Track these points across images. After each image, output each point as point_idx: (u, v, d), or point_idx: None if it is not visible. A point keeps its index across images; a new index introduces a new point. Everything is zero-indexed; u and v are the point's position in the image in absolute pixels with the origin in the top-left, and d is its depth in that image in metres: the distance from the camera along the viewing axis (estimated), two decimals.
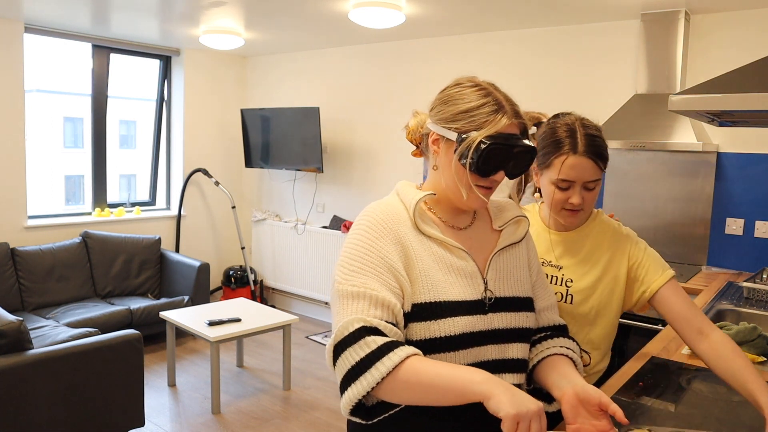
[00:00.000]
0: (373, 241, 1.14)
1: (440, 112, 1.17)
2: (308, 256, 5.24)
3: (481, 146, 1.10)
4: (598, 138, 1.39)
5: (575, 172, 1.37)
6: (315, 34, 4.49)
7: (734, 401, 1.53)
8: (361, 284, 1.09)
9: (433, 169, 1.21)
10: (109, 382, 2.82)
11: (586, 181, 1.38)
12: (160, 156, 5.49)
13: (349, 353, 1.04)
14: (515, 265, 1.27)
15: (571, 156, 1.37)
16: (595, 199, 1.41)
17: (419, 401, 1.03)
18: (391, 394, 1.03)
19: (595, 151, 1.37)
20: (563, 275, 1.46)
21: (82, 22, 4.27)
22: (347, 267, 1.13)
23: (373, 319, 1.06)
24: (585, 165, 1.36)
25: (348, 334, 1.05)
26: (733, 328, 1.89)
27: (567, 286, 1.45)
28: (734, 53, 3.20)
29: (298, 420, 3.44)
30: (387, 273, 1.11)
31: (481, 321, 1.17)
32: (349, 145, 5.05)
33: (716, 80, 1.77)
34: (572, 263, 1.47)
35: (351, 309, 1.08)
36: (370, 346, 1.03)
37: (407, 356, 1.02)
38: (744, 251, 3.26)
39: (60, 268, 4.36)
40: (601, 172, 1.38)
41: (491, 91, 1.16)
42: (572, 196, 1.39)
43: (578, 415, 1.10)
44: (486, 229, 1.27)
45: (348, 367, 1.04)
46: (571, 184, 1.39)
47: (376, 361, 1.01)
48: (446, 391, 0.99)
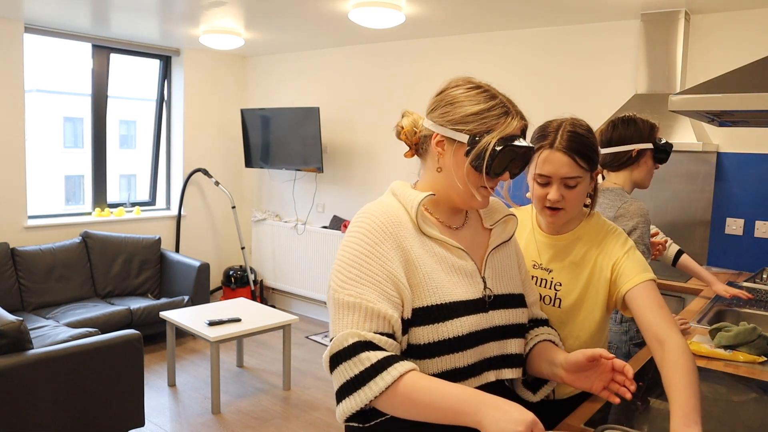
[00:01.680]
0: (373, 246, 1.11)
1: (446, 114, 1.16)
2: (308, 256, 5.24)
3: (495, 149, 1.11)
4: (583, 137, 1.37)
5: (550, 167, 1.36)
6: (315, 34, 4.49)
7: (734, 401, 1.53)
8: (358, 294, 1.08)
9: (437, 170, 1.19)
10: (109, 382, 2.82)
11: (562, 177, 1.36)
12: (160, 156, 5.48)
13: (344, 368, 1.05)
14: (507, 263, 1.29)
15: (547, 150, 1.37)
16: (578, 199, 1.38)
17: (414, 417, 1.04)
18: (386, 408, 1.05)
19: (574, 148, 1.35)
20: (552, 278, 1.45)
21: (82, 22, 4.27)
22: (344, 274, 1.11)
23: (368, 333, 1.06)
24: (561, 160, 1.35)
25: (343, 348, 1.06)
26: (733, 328, 1.89)
27: (556, 289, 1.44)
28: (734, 53, 3.20)
29: (298, 420, 3.44)
30: (386, 281, 1.09)
31: (483, 319, 1.18)
32: (349, 145, 5.05)
33: (716, 80, 1.77)
34: (561, 267, 1.45)
35: (346, 321, 1.08)
36: (364, 363, 1.04)
37: (403, 373, 1.03)
38: (744, 251, 3.26)
39: (60, 268, 4.36)
40: (582, 170, 1.35)
41: (495, 93, 1.17)
42: (550, 192, 1.37)
43: (588, 377, 1.20)
44: (478, 228, 1.29)
45: (343, 381, 1.05)
46: (549, 179, 1.38)
47: (369, 380, 1.03)
48: (440, 414, 1.01)
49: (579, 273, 1.45)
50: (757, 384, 1.63)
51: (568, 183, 1.36)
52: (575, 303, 1.45)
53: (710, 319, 2.31)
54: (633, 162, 2.02)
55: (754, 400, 1.56)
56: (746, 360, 1.79)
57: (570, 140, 1.35)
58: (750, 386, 1.61)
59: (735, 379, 1.65)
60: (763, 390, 1.60)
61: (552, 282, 1.44)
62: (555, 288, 1.43)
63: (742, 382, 1.63)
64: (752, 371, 1.72)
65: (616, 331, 2.03)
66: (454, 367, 1.13)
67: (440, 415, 1.01)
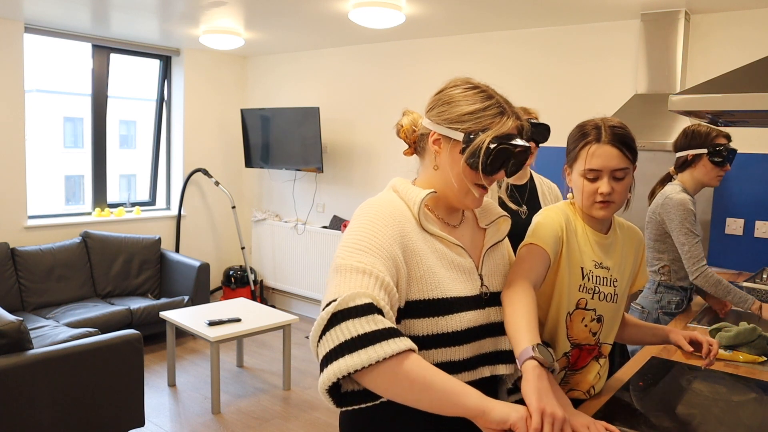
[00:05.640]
0: (380, 228, 1.11)
1: (443, 113, 1.19)
2: (308, 256, 5.24)
3: (490, 147, 1.13)
4: (623, 129, 1.41)
5: (601, 161, 1.39)
6: (315, 34, 4.49)
7: (734, 401, 1.53)
8: (369, 263, 1.05)
9: (433, 168, 1.22)
10: (109, 382, 2.82)
11: (612, 169, 1.39)
12: (160, 156, 5.48)
13: (352, 324, 0.97)
14: (501, 262, 1.32)
15: (595, 144, 1.40)
16: (625, 190, 1.42)
17: (406, 399, 1.00)
18: (381, 382, 0.98)
19: (620, 140, 1.39)
20: (611, 275, 1.48)
21: (82, 22, 4.27)
22: (353, 246, 1.08)
23: (381, 300, 1.02)
24: (610, 153, 1.38)
25: (354, 305, 0.99)
26: (733, 328, 1.89)
27: (614, 286, 1.48)
28: (734, 53, 3.20)
29: (298, 420, 3.44)
30: (390, 261, 1.09)
31: (480, 315, 1.21)
32: (349, 145, 5.05)
33: (716, 80, 1.77)
34: (614, 263, 1.50)
35: (357, 282, 1.02)
36: (378, 324, 0.98)
37: (410, 349, 1.01)
38: (744, 251, 3.26)
39: (60, 268, 4.36)
40: (629, 161, 1.40)
41: (492, 93, 1.19)
42: (601, 185, 1.40)
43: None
44: (473, 227, 1.31)
45: (348, 337, 0.97)
46: (599, 173, 1.40)
47: (381, 340, 0.97)
48: (440, 397, 0.99)
49: (626, 266, 1.51)
50: (757, 384, 1.63)
51: (616, 175, 1.39)
52: (623, 294, 1.51)
53: (710, 319, 2.31)
54: (690, 164, 2.37)
55: (754, 400, 1.56)
56: (746, 360, 1.79)
57: (614, 134, 1.39)
58: (750, 386, 1.62)
59: (735, 379, 1.66)
60: (763, 390, 1.60)
61: (611, 279, 1.47)
62: (614, 285, 1.47)
63: (742, 382, 1.64)
64: (752, 371, 1.72)
65: (651, 299, 2.40)
66: (450, 360, 1.15)
67: (436, 399, 0.98)
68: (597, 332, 1.46)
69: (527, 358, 1.06)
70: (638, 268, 1.56)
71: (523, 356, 1.07)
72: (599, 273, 1.45)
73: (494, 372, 1.24)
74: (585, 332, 1.45)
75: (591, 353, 1.47)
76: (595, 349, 1.47)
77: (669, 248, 2.34)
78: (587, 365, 1.47)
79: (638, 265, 1.56)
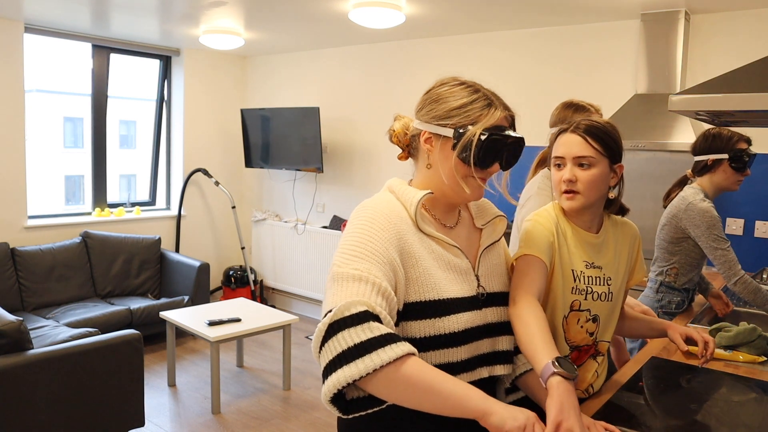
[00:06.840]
0: (377, 232, 1.11)
1: (431, 111, 1.20)
2: (308, 256, 5.24)
3: (480, 138, 1.13)
4: (601, 126, 1.41)
5: (564, 148, 1.42)
6: (315, 34, 4.49)
7: (734, 401, 1.53)
8: (365, 270, 1.06)
9: (426, 167, 1.22)
10: (109, 382, 2.82)
11: (574, 156, 1.40)
12: (160, 156, 5.48)
13: (348, 333, 0.98)
14: (498, 262, 1.32)
15: (564, 134, 1.43)
16: (592, 183, 1.40)
17: (409, 403, 1.00)
18: (383, 388, 0.99)
19: (587, 130, 1.40)
20: (604, 274, 1.48)
21: (82, 22, 4.27)
22: (349, 253, 1.09)
23: (377, 306, 1.02)
24: (573, 140, 1.40)
25: (350, 314, 0.99)
26: (733, 328, 1.89)
27: (608, 284, 1.47)
28: (734, 53, 3.20)
29: (298, 420, 3.44)
30: (387, 266, 1.09)
31: (477, 316, 1.20)
32: (349, 145, 5.05)
33: (716, 80, 1.77)
34: (607, 262, 1.49)
35: (353, 290, 1.03)
36: (373, 332, 0.98)
37: (409, 353, 1.00)
38: (744, 251, 3.26)
39: (60, 268, 4.36)
40: (595, 151, 1.39)
41: (479, 87, 1.20)
42: (564, 172, 1.42)
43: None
44: (469, 227, 1.31)
45: (345, 347, 0.98)
46: (562, 160, 1.42)
47: (378, 347, 0.97)
48: (442, 399, 0.98)
49: (620, 263, 1.51)
50: (757, 384, 1.63)
51: (580, 162, 1.40)
52: (618, 291, 1.51)
53: (710, 319, 2.31)
54: (710, 169, 2.32)
55: (754, 400, 1.56)
56: (746, 360, 1.79)
57: (586, 126, 1.41)
58: (750, 386, 1.61)
59: (735, 379, 1.65)
60: (763, 390, 1.60)
61: (604, 278, 1.47)
62: (608, 283, 1.47)
63: (742, 382, 1.64)
64: (752, 371, 1.72)
65: (652, 298, 2.39)
66: (448, 362, 1.15)
67: (439, 401, 0.98)
68: (594, 332, 1.46)
69: (550, 374, 1.06)
70: (635, 263, 1.55)
71: (545, 373, 1.07)
72: (591, 273, 1.45)
73: (492, 372, 1.24)
74: (582, 333, 1.45)
75: (588, 352, 1.48)
76: (591, 347, 1.48)
77: (681, 251, 2.32)
78: (584, 363, 1.47)
79: (634, 260, 1.55)
